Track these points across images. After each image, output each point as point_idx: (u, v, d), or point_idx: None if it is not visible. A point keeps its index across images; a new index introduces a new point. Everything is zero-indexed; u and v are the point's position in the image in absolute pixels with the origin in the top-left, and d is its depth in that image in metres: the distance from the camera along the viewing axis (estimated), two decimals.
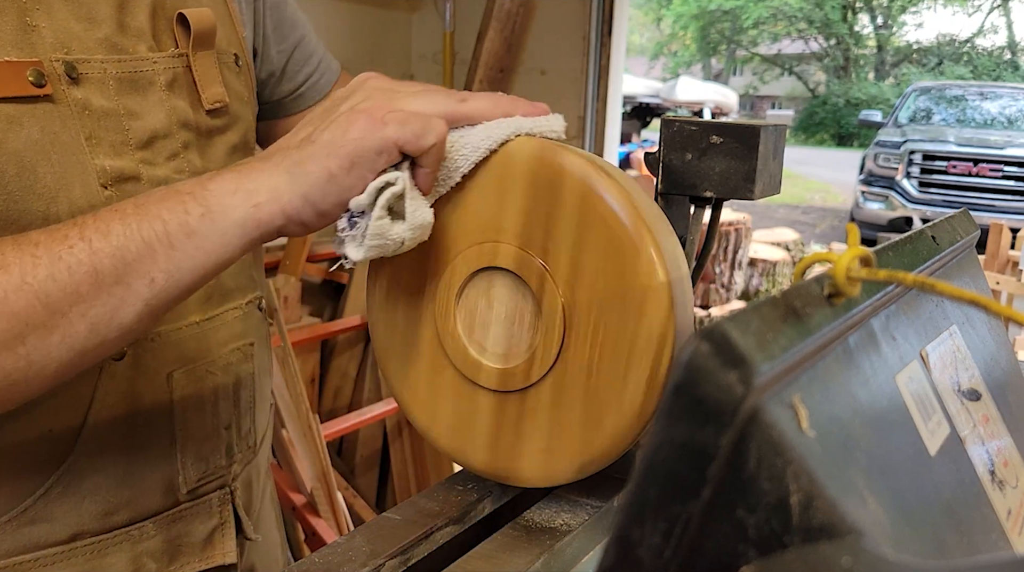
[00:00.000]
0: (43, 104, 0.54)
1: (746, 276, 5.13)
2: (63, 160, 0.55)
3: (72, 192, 0.55)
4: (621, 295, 0.52)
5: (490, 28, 2.31)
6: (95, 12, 0.58)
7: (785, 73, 24.37)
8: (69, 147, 0.55)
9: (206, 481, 0.69)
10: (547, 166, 0.53)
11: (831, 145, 21.17)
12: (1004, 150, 6.49)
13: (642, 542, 0.26)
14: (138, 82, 0.60)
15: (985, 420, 0.47)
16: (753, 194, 0.59)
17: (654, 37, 26.38)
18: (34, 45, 0.54)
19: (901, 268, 0.44)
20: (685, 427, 0.25)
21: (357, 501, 2.03)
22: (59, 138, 0.55)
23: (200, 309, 0.65)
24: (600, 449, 0.54)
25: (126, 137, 0.59)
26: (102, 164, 0.57)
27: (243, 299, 0.71)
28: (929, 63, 22.12)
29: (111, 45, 0.58)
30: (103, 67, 0.57)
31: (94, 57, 0.57)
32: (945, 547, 0.36)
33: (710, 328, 0.25)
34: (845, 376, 0.33)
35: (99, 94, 0.57)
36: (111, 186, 0.58)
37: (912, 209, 6.61)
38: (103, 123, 0.57)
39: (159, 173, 0.61)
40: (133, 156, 0.59)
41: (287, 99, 0.80)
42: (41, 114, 0.54)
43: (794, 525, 0.26)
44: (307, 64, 0.80)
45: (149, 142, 0.60)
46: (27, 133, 0.53)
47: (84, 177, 0.56)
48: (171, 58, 0.62)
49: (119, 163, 0.58)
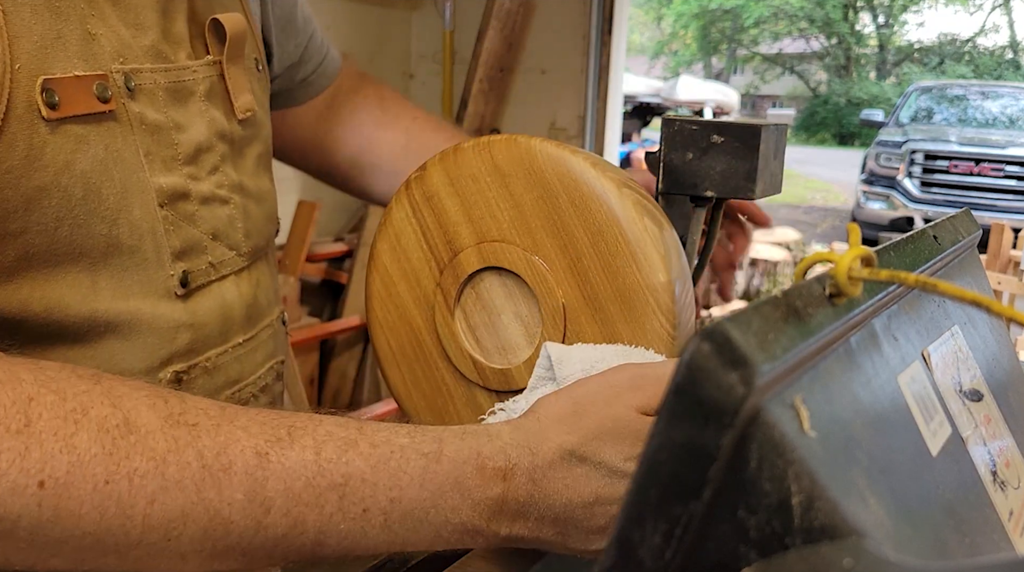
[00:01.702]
0: (107, 121, 0.50)
1: (747, 276, 5.13)
2: (124, 179, 0.51)
3: (132, 213, 0.52)
4: (622, 295, 0.52)
5: (490, 27, 2.31)
6: (142, 18, 0.54)
7: (786, 72, 24.37)
8: (131, 165, 0.52)
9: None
10: (547, 166, 0.53)
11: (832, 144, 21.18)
12: (1006, 150, 6.49)
13: (643, 543, 0.26)
14: (181, 92, 0.56)
15: (987, 421, 0.47)
16: (754, 194, 0.59)
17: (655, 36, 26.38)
18: (96, 56, 0.50)
19: (903, 268, 0.44)
20: (686, 428, 0.25)
21: None
22: (121, 156, 0.51)
23: (242, 329, 0.62)
24: None
25: (175, 152, 0.55)
26: (158, 182, 0.54)
27: (272, 315, 0.68)
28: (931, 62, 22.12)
29: (157, 53, 0.54)
30: (153, 77, 0.54)
31: (144, 67, 0.53)
32: (947, 548, 0.36)
33: (711, 328, 0.25)
34: (847, 376, 0.33)
35: (151, 107, 0.54)
36: (166, 205, 0.54)
37: (914, 209, 6.60)
38: (156, 138, 0.54)
39: (203, 188, 0.57)
40: (182, 171, 0.56)
41: (299, 87, 0.79)
42: (105, 131, 0.50)
43: (795, 526, 0.26)
44: (317, 53, 0.80)
45: (195, 156, 0.57)
46: (93, 152, 0.49)
47: (144, 196, 0.53)
48: (207, 66, 0.59)
49: (171, 180, 0.55)
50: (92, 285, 0.50)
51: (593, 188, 0.52)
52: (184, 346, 0.56)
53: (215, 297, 0.58)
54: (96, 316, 0.51)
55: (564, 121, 2.44)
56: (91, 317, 0.50)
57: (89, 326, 0.50)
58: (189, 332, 0.56)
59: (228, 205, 0.60)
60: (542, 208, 0.53)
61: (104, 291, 0.51)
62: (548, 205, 0.53)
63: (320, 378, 2.20)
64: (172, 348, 0.55)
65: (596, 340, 0.53)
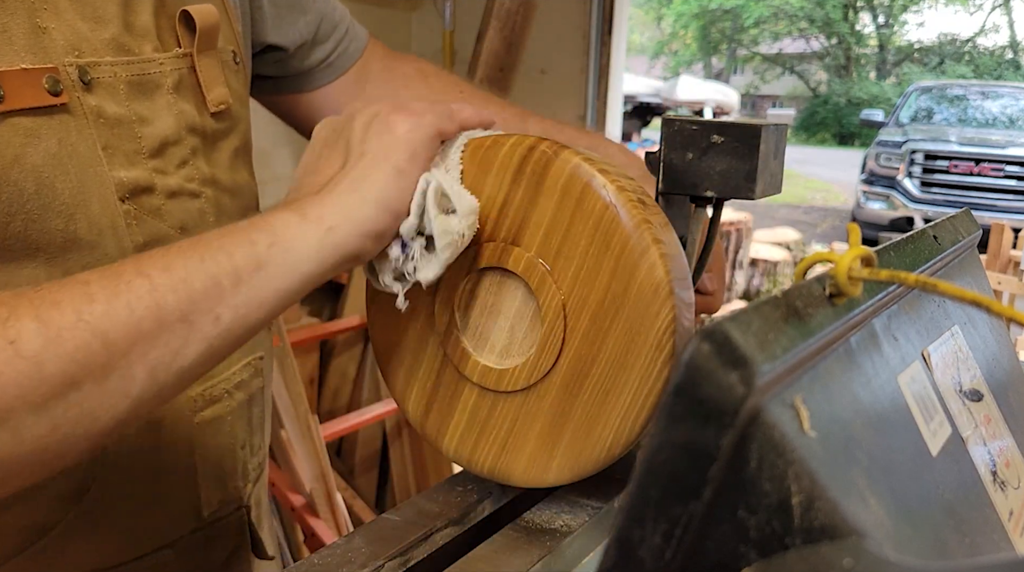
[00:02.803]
0: (59, 114, 0.50)
1: (747, 276, 5.13)
2: (81, 173, 0.51)
3: (90, 208, 0.52)
4: (622, 295, 0.52)
5: (490, 27, 2.31)
6: (101, 10, 0.53)
7: (786, 72, 24.37)
8: (87, 159, 0.52)
9: (226, 503, 0.67)
10: (545, 165, 0.53)
11: (832, 144, 21.18)
12: (1006, 150, 6.49)
13: (643, 543, 0.26)
14: (146, 85, 0.56)
15: (987, 420, 0.47)
16: (754, 194, 0.59)
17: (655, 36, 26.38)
18: (47, 49, 0.50)
19: (903, 268, 0.44)
20: (686, 428, 0.25)
21: (356, 502, 2.03)
22: (76, 150, 0.51)
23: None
24: (601, 449, 0.54)
25: (139, 145, 0.55)
26: (119, 176, 0.53)
27: None
28: (931, 62, 22.12)
29: (119, 46, 0.54)
30: (113, 70, 0.53)
31: (104, 60, 0.53)
32: (947, 548, 0.36)
33: (711, 328, 0.25)
34: (847, 376, 0.33)
35: (111, 100, 0.53)
36: (128, 199, 0.54)
37: (914, 209, 6.60)
38: (117, 131, 0.54)
39: (171, 182, 0.57)
40: (146, 165, 0.55)
41: (317, 69, 0.77)
42: (58, 125, 0.50)
43: (795, 526, 0.26)
44: (336, 30, 0.78)
45: (160, 149, 0.57)
46: (45, 146, 0.49)
47: (102, 190, 0.53)
48: (176, 59, 0.58)
49: (134, 174, 0.55)
50: (50, 280, 0.50)
51: (592, 187, 0.52)
52: None
53: None
54: None
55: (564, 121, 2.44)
56: None
57: None
58: None
59: (199, 199, 0.59)
60: (542, 208, 0.53)
61: None
62: (547, 205, 0.53)
63: (320, 378, 2.20)
64: None
65: (594, 341, 0.53)
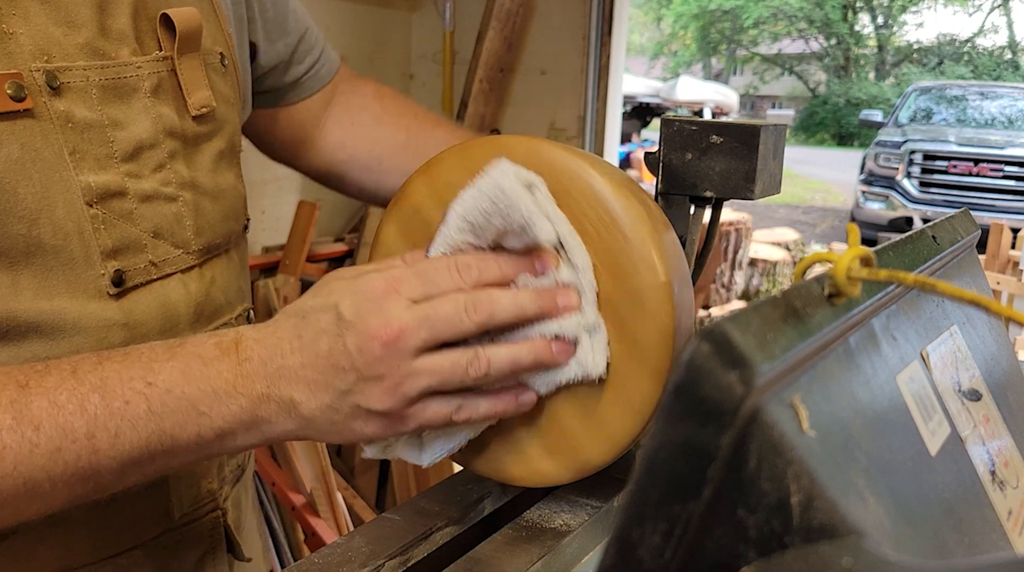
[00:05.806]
0: (23, 119, 0.50)
1: (746, 276, 5.13)
2: (45, 178, 0.51)
3: (55, 212, 0.52)
4: (622, 295, 0.52)
5: (490, 28, 2.31)
6: (74, 15, 0.53)
7: (785, 73, 24.38)
8: (52, 164, 0.51)
9: (199, 506, 0.66)
10: (544, 166, 0.53)
11: (831, 145, 21.18)
12: (1004, 150, 6.49)
13: (642, 542, 0.26)
14: (121, 89, 0.55)
15: (986, 420, 0.47)
16: (753, 194, 0.59)
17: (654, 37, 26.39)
18: (12, 55, 0.50)
19: (902, 268, 0.44)
20: (685, 427, 0.25)
21: (357, 501, 2.03)
22: (41, 155, 0.51)
23: (190, 327, 0.61)
24: (600, 449, 0.54)
25: (111, 149, 0.54)
26: (86, 180, 0.53)
27: (232, 313, 0.67)
28: (929, 63, 22.13)
29: (93, 50, 0.54)
30: (85, 75, 0.53)
31: (76, 64, 0.52)
32: (945, 547, 0.36)
33: (710, 328, 0.25)
34: (846, 376, 0.33)
35: (82, 104, 0.53)
36: (96, 204, 0.54)
37: (913, 209, 6.61)
38: (87, 136, 0.53)
39: (145, 186, 0.57)
40: (118, 170, 0.55)
41: (290, 87, 0.78)
42: (21, 130, 0.50)
43: (794, 525, 0.26)
44: (310, 54, 0.79)
45: (135, 154, 0.56)
46: (6, 152, 0.49)
47: (68, 195, 0.52)
48: (155, 62, 0.57)
49: (104, 178, 0.54)
50: (12, 284, 0.50)
51: (592, 187, 0.52)
52: (119, 345, 0.55)
53: (156, 296, 0.58)
54: (17, 315, 0.51)
55: (564, 121, 2.44)
56: (11, 317, 0.50)
57: (9, 326, 0.51)
58: (123, 331, 0.55)
59: (175, 202, 0.59)
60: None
61: (26, 291, 0.51)
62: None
63: None
64: (104, 347, 0.54)
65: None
